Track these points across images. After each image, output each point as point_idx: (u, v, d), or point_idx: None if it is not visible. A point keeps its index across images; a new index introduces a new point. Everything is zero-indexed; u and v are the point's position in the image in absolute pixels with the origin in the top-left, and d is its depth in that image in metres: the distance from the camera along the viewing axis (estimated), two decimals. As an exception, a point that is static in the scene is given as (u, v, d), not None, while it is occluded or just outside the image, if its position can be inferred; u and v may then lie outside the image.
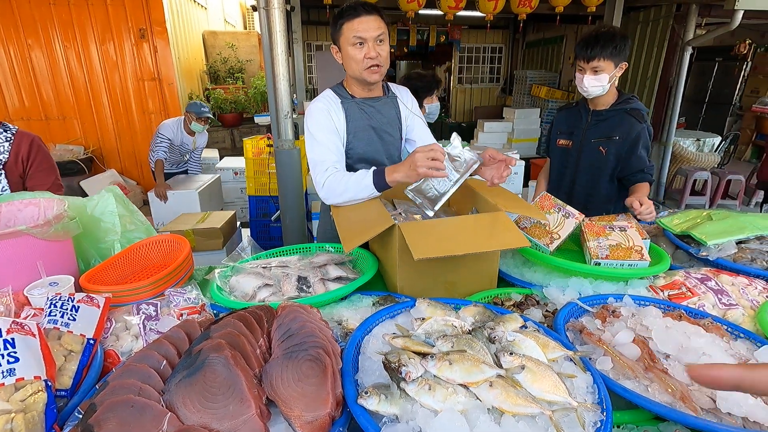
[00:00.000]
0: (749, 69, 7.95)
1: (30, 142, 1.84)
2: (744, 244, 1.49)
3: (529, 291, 1.33)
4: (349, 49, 1.50)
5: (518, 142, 6.93)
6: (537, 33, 8.98)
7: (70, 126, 5.81)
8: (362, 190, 1.42)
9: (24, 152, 1.82)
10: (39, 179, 1.86)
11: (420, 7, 4.85)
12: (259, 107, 6.88)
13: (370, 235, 1.18)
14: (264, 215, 4.09)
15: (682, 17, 5.38)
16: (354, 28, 1.47)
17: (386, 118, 1.69)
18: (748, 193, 5.69)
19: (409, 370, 0.80)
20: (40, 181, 1.85)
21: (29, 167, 1.84)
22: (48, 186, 1.85)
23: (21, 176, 1.83)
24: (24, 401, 0.76)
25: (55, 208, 1.35)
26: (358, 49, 1.49)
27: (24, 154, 1.82)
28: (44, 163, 1.88)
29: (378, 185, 1.39)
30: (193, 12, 6.96)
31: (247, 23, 11.03)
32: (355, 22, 1.47)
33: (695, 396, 0.85)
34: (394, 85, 1.81)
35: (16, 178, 1.82)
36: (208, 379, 0.76)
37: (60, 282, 1.18)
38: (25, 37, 5.33)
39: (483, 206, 1.44)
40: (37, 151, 1.86)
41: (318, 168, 1.52)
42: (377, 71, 1.54)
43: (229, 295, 1.29)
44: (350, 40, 1.48)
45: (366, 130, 1.65)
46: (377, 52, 1.50)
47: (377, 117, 1.66)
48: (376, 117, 1.66)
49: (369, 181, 1.40)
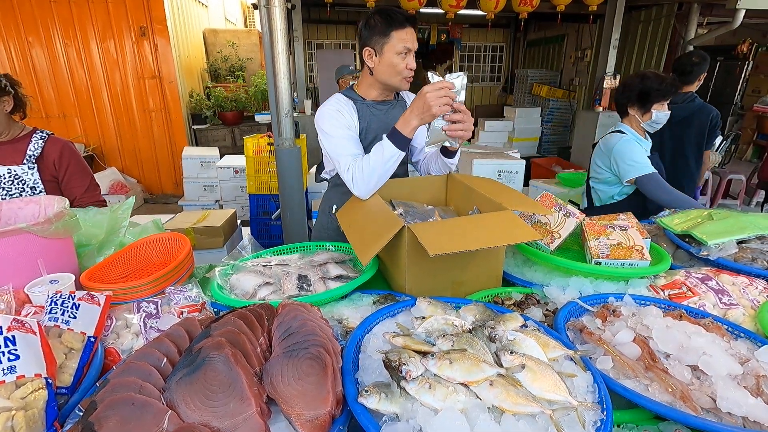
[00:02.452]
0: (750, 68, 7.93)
1: (61, 147, 1.91)
2: (745, 244, 1.48)
3: (530, 290, 1.33)
4: (394, 57, 1.53)
5: (519, 141, 6.93)
6: (538, 32, 8.96)
7: (71, 124, 5.82)
8: (388, 160, 1.42)
9: (55, 156, 1.89)
10: (75, 182, 1.93)
11: (421, 5, 4.84)
12: (259, 105, 6.87)
13: (384, 242, 1.17)
14: (264, 213, 4.09)
15: (683, 16, 5.37)
16: (403, 38, 1.51)
17: (396, 120, 1.71)
18: (749, 192, 5.68)
19: (409, 368, 0.80)
20: (77, 183, 1.93)
21: (64, 172, 1.91)
22: (86, 188, 1.94)
23: (55, 177, 1.90)
24: (25, 399, 0.76)
25: (56, 206, 1.35)
26: (402, 58, 1.54)
27: (56, 157, 1.89)
28: (78, 166, 1.96)
29: (400, 145, 1.41)
30: (193, 10, 6.95)
31: (248, 21, 11.01)
32: (403, 32, 1.51)
33: (695, 395, 0.85)
34: None
35: (50, 178, 1.88)
36: (209, 377, 0.76)
37: (60, 280, 1.18)
38: (25, 34, 5.33)
39: (484, 205, 1.44)
40: (70, 155, 1.93)
41: (341, 164, 1.51)
42: (410, 81, 1.62)
43: (229, 293, 1.29)
44: (397, 48, 1.52)
45: (377, 131, 1.67)
46: (414, 63, 1.58)
47: (387, 119, 1.70)
48: (387, 119, 1.69)
49: (390, 148, 1.40)
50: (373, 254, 1.19)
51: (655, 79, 2.16)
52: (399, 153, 1.42)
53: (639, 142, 2.24)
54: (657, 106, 2.18)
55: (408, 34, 1.51)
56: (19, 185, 1.81)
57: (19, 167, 1.81)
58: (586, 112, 5.61)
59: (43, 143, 1.87)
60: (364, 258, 1.20)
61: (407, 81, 1.61)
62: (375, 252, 1.18)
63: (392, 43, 1.51)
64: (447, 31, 8.73)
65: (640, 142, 2.25)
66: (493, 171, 3.87)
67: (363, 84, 1.68)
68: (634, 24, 6.12)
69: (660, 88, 2.14)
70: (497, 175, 3.88)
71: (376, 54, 1.56)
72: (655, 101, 2.17)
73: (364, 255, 1.21)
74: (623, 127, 2.29)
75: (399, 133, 1.40)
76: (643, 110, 2.21)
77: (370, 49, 1.56)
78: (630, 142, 2.21)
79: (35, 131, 1.90)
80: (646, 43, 5.95)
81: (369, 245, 1.23)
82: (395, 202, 1.60)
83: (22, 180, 1.82)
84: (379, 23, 1.51)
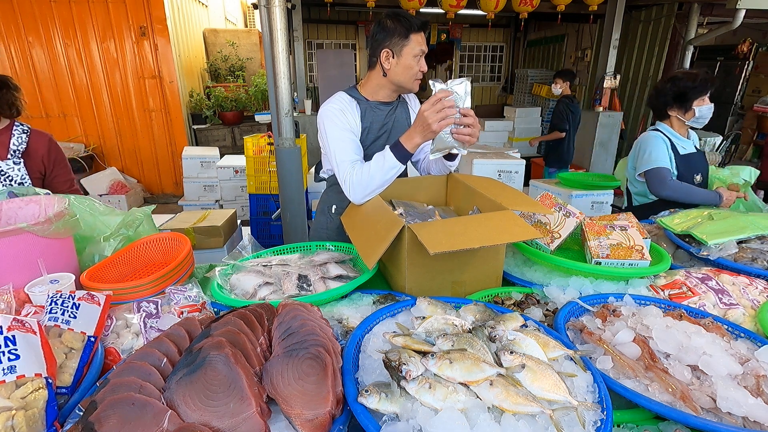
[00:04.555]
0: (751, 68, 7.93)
1: (48, 141, 1.92)
2: (745, 244, 1.49)
3: (530, 290, 1.33)
4: (411, 60, 1.57)
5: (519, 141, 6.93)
6: (538, 32, 8.97)
7: (71, 124, 5.81)
8: (388, 171, 1.43)
9: (43, 150, 1.89)
10: (62, 176, 1.96)
11: (421, 5, 4.84)
12: (259, 105, 6.87)
13: (386, 244, 1.17)
14: (264, 213, 4.09)
15: (683, 16, 5.38)
16: (420, 42, 1.56)
17: (398, 121, 1.74)
18: (749, 192, 5.67)
19: (409, 368, 0.80)
20: (63, 178, 1.96)
21: (51, 166, 1.92)
22: (70, 182, 1.99)
23: (41, 173, 1.90)
24: (25, 398, 0.76)
25: (56, 205, 1.35)
26: (417, 60, 1.58)
27: (44, 152, 1.89)
28: (63, 160, 1.99)
29: (401, 158, 1.42)
30: (193, 10, 6.95)
31: (248, 21, 11.01)
32: (421, 36, 1.56)
33: (695, 395, 0.85)
34: None
35: (37, 174, 1.89)
36: (209, 377, 0.76)
37: (61, 279, 1.18)
38: (25, 34, 5.33)
39: (485, 205, 1.44)
40: (57, 150, 1.96)
41: (340, 169, 1.53)
42: (420, 82, 1.67)
43: (229, 293, 1.29)
44: (415, 51, 1.56)
45: (379, 131, 1.69)
46: (425, 66, 1.62)
47: (390, 119, 1.71)
48: (389, 119, 1.71)
49: (391, 160, 1.42)
50: (377, 257, 1.19)
51: (687, 78, 2.15)
52: (400, 166, 1.43)
53: (672, 139, 2.21)
54: (698, 102, 2.15)
55: (423, 38, 1.57)
56: (5, 181, 1.78)
57: (3, 162, 1.78)
58: (586, 112, 5.60)
59: (27, 138, 1.86)
60: (369, 261, 1.20)
61: (419, 83, 1.66)
62: (379, 254, 1.18)
63: (411, 46, 1.55)
64: (447, 31, 8.74)
65: (676, 139, 2.22)
66: (493, 171, 3.87)
67: (371, 84, 1.68)
68: (634, 24, 6.12)
69: (695, 85, 2.12)
70: (497, 175, 3.88)
71: (394, 56, 1.57)
72: (693, 99, 2.14)
73: (368, 258, 1.22)
74: (660, 125, 2.27)
75: (402, 147, 1.41)
76: (684, 110, 2.18)
77: (389, 50, 1.57)
78: (654, 138, 2.20)
79: (14, 124, 1.87)
80: (646, 43, 5.96)
81: (373, 248, 1.23)
82: (395, 202, 1.60)
83: (8, 176, 1.79)
84: (399, 26, 1.54)
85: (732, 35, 6.28)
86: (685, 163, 2.19)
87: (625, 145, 6.19)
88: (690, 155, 2.21)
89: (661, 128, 2.24)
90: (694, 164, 2.21)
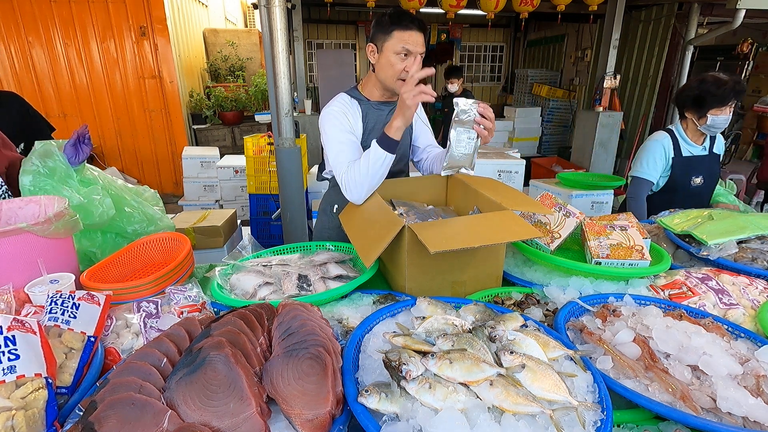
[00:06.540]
0: (751, 68, 7.93)
1: None
2: (745, 244, 1.48)
3: (530, 290, 1.33)
4: (392, 57, 1.54)
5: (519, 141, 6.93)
6: (538, 32, 8.97)
7: (71, 123, 5.81)
8: (376, 161, 1.43)
9: None
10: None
11: (421, 5, 4.84)
12: (259, 105, 6.87)
13: (385, 243, 1.17)
14: (264, 213, 4.09)
15: (683, 16, 5.37)
16: (405, 39, 1.51)
17: None
18: (749, 192, 5.67)
19: (409, 368, 0.80)
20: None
21: None
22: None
23: None
24: (25, 398, 0.76)
25: (56, 206, 1.35)
26: (401, 59, 1.53)
27: None
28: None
29: (388, 147, 1.42)
30: (193, 9, 6.95)
31: (248, 21, 11.01)
32: (406, 34, 1.51)
33: (695, 395, 0.85)
34: None
35: None
36: (209, 377, 0.76)
37: (61, 279, 1.18)
38: (25, 34, 5.32)
39: (485, 205, 1.44)
40: None
41: (337, 171, 1.53)
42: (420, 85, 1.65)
43: (229, 293, 1.29)
44: (396, 49, 1.52)
45: (380, 131, 1.66)
46: (415, 68, 1.56)
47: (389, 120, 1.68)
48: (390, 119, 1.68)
49: (378, 150, 1.42)
50: (375, 256, 1.19)
51: (713, 83, 2.01)
52: (386, 155, 1.43)
53: (678, 140, 2.17)
54: (714, 111, 2.03)
55: (411, 36, 1.51)
56: None
57: None
58: (586, 111, 5.60)
59: None
60: (368, 260, 1.20)
61: (401, 83, 1.58)
62: (377, 254, 1.18)
63: (392, 43, 1.52)
64: (447, 31, 8.73)
65: (683, 141, 2.18)
66: (493, 171, 3.88)
67: (368, 83, 1.69)
68: (635, 24, 6.12)
69: (717, 93, 1.99)
70: (497, 174, 3.88)
71: (378, 51, 1.57)
72: (711, 107, 2.03)
73: (367, 257, 1.21)
74: (674, 126, 2.23)
75: (385, 135, 1.42)
76: (698, 114, 2.09)
77: (373, 45, 1.58)
78: (655, 144, 2.18)
79: None
80: (647, 43, 5.95)
81: (371, 247, 1.23)
82: (396, 202, 1.60)
83: None
84: (385, 21, 1.53)
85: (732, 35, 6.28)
86: (684, 164, 2.18)
87: (625, 145, 6.19)
88: (693, 158, 2.19)
89: (675, 129, 2.22)
90: (696, 167, 2.19)
